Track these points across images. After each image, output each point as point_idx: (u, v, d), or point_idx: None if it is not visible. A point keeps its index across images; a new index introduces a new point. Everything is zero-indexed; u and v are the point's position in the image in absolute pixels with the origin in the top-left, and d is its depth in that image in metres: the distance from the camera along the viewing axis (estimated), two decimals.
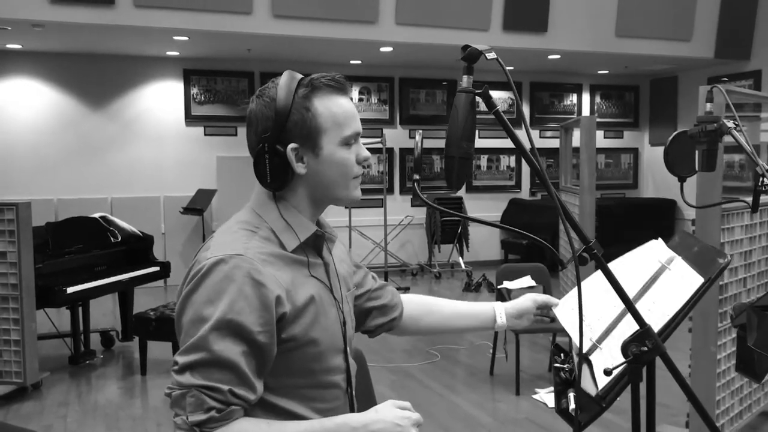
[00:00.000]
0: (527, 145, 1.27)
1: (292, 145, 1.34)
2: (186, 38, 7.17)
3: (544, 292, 4.99)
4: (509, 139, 1.31)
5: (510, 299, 4.82)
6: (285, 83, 1.35)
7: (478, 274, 8.50)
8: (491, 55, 1.20)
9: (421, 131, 1.40)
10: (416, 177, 1.32)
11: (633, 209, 9.75)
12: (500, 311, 1.76)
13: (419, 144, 1.42)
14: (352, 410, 1.48)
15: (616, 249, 1.72)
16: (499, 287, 4.94)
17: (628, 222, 9.27)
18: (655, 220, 9.54)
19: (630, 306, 1.17)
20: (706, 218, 3.34)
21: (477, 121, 1.24)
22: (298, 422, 1.33)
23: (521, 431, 4.04)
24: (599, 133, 10.50)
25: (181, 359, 1.27)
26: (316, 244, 1.44)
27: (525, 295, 1.76)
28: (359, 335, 1.68)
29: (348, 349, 1.48)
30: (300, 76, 1.38)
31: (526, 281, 4.95)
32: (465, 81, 1.25)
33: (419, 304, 1.78)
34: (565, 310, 1.65)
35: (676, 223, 9.89)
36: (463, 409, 4.38)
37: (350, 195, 1.43)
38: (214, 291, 1.27)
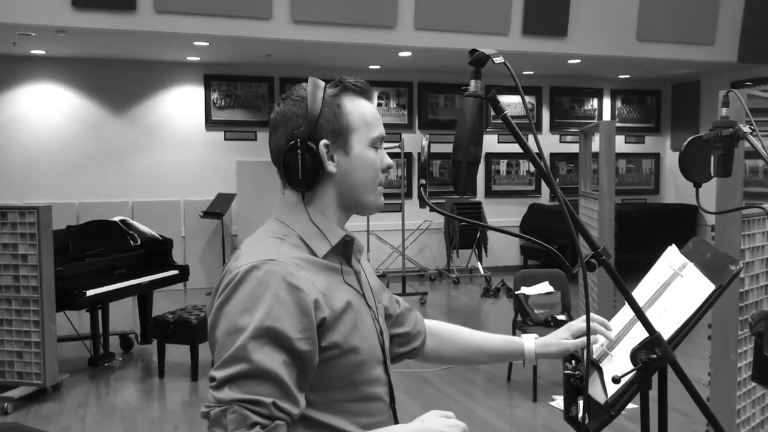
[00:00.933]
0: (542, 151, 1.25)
1: (324, 141, 1.31)
2: (206, 43, 7.23)
3: (562, 299, 4.96)
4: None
5: (527, 305, 4.83)
6: (313, 84, 1.34)
7: (497, 280, 8.46)
8: (498, 59, 1.19)
9: (428, 136, 1.38)
10: (422, 182, 1.32)
11: (654, 215, 9.65)
12: (529, 338, 1.63)
13: (426, 149, 1.41)
14: (395, 424, 1.43)
15: (636, 255, 1.66)
16: (516, 293, 4.92)
17: (649, 228, 9.17)
18: (676, 226, 9.43)
19: (639, 312, 1.16)
20: (726, 224, 3.30)
21: (497, 126, 1.23)
22: None
23: None
24: (620, 138, 10.41)
25: (218, 374, 1.19)
26: (345, 252, 1.39)
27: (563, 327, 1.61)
28: None
29: (387, 360, 1.43)
30: (324, 81, 1.38)
31: (544, 287, 4.93)
32: (472, 85, 1.24)
33: (442, 334, 1.68)
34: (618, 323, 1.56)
35: (698, 229, 9.77)
36: (480, 415, 4.35)
37: (376, 201, 1.39)
38: (249, 299, 1.21)
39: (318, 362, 1.24)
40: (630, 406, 1.35)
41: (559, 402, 4.51)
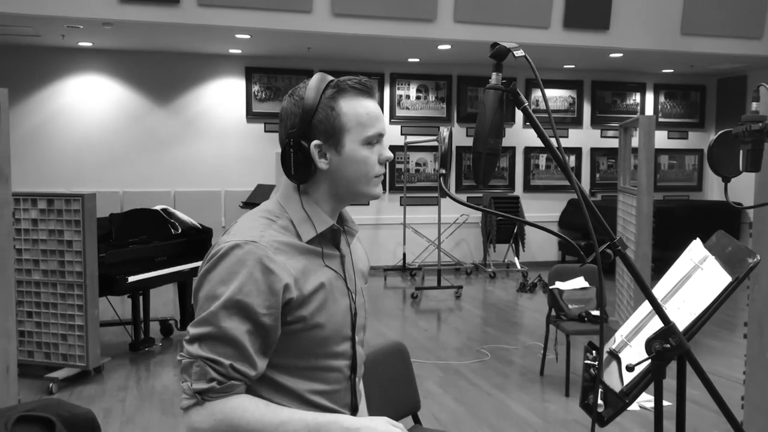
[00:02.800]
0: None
1: (315, 142, 1.43)
2: (248, 36, 7.33)
3: (597, 294, 4.93)
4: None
5: (562, 300, 4.81)
6: (314, 83, 1.44)
7: (533, 275, 8.42)
8: (519, 53, 1.21)
9: (450, 127, 1.40)
10: (442, 171, 1.35)
11: (696, 212, 9.47)
12: None
13: (446, 139, 1.42)
14: (352, 396, 1.55)
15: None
16: (551, 288, 4.90)
17: (690, 225, 9.01)
18: (719, 224, 9.08)
19: (654, 302, 1.17)
20: (764, 221, 3.25)
21: (541, 120, 1.25)
22: (294, 410, 1.41)
23: None
24: (663, 134, 10.26)
25: (192, 330, 1.38)
26: (333, 238, 1.52)
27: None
28: (403, 331, 1.70)
29: (356, 337, 1.55)
30: (330, 78, 1.46)
31: (579, 282, 4.90)
32: (494, 78, 1.27)
33: None
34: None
35: (741, 227, 9.57)
36: (511, 408, 4.36)
37: (370, 191, 1.49)
38: (227, 272, 1.37)
39: (284, 333, 1.40)
40: (665, 403, 1.36)
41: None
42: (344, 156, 1.44)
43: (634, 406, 4.16)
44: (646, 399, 4.04)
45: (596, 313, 4.71)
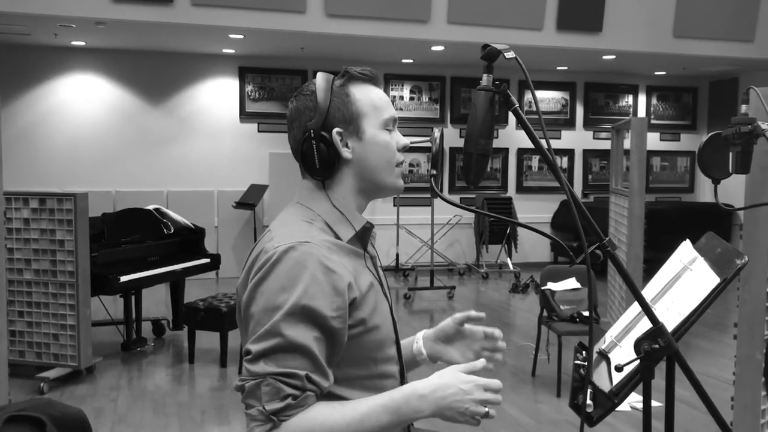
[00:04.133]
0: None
1: (336, 129, 1.39)
2: (241, 36, 7.33)
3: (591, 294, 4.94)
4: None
5: (553, 301, 4.82)
6: (322, 78, 1.42)
7: (526, 276, 8.44)
8: (510, 54, 1.22)
9: (441, 128, 1.40)
10: (433, 172, 1.35)
11: (688, 213, 9.51)
12: (419, 336, 1.65)
13: (437, 140, 1.42)
14: None
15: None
16: (542, 288, 4.92)
17: (682, 226, 9.03)
18: (710, 226, 9.12)
19: (643, 303, 1.18)
20: (754, 222, 3.27)
21: (532, 121, 1.25)
22: (366, 399, 1.33)
23: None
24: (655, 136, 10.30)
25: (254, 347, 1.26)
26: (362, 238, 1.45)
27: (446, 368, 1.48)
28: (410, 329, 1.68)
29: (398, 340, 1.50)
30: (332, 75, 1.45)
31: (571, 283, 4.92)
32: (485, 79, 1.28)
33: None
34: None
35: (733, 228, 9.62)
36: (503, 409, 4.37)
37: (395, 182, 1.45)
38: (287, 278, 1.27)
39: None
40: (656, 404, 1.37)
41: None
42: (366, 141, 1.40)
43: (624, 407, 4.18)
44: (636, 399, 4.06)
45: (588, 313, 4.73)
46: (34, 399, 2.61)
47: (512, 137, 9.72)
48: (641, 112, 10.33)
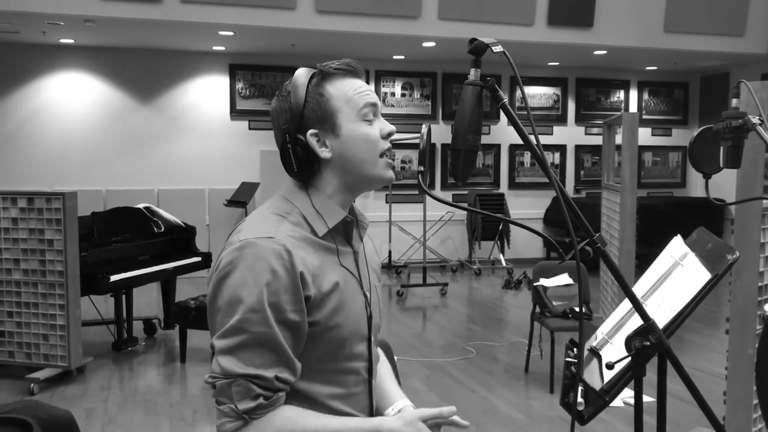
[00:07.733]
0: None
1: (311, 131, 1.37)
2: (231, 33, 7.29)
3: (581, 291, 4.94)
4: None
5: (546, 296, 4.82)
6: (299, 76, 1.40)
7: (519, 272, 8.44)
8: (497, 48, 1.20)
9: (429, 124, 1.39)
10: (420, 169, 1.33)
11: (680, 208, 9.53)
12: (398, 407, 1.55)
13: (425, 136, 1.38)
14: (370, 399, 1.49)
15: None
16: (535, 284, 4.91)
17: (674, 221, 9.05)
18: (702, 221, 9.18)
19: (633, 300, 1.17)
20: (745, 217, 3.27)
21: (522, 118, 1.24)
22: (335, 418, 1.36)
23: (554, 429, 4.02)
24: (647, 131, 10.32)
25: (220, 343, 1.29)
26: (345, 232, 1.45)
27: (412, 411, 1.45)
28: (389, 328, 1.64)
29: (372, 337, 1.49)
30: (314, 70, 1.42)
31: (563, 279, 4.91)
32: (472, 74, 1.26)
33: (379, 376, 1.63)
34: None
35: (724, 223, 9.64)
36: (496, 405, 4.37)
37: (383, 174, 1.42)
38: (249, 272, 1.29)
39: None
40: (647, 399, 1.35)
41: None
42: (344, 137, 1.38)
43: (617, 402, 4.18)
44: (629, 395, 4.05)
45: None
46: (21, 401, 2.58)
47: (504, 133, 9.71)
48: (633, 108, 10.34)
